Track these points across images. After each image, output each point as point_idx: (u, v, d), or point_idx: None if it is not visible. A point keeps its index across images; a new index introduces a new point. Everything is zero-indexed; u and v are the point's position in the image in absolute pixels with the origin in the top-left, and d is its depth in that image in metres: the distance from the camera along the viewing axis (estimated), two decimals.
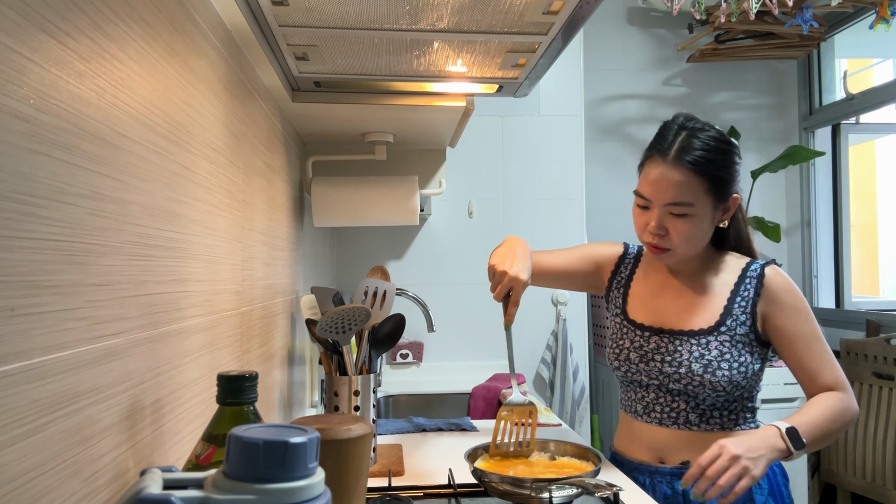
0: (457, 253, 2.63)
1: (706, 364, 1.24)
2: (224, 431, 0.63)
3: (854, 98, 3.07)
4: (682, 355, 1.26)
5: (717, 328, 1.26)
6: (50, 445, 0.51)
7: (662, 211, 1.23)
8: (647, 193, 1.24)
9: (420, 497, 1.16)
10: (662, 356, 1.28)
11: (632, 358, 1.32)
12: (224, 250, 1.02)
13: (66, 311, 0.53)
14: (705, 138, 1.23)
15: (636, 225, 1.29)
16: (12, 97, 0.46)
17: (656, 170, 1.23)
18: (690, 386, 1.25)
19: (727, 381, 1.23)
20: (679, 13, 3.17)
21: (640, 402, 1.33)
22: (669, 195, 1.21)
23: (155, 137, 0.73)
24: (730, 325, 1.26)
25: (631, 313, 1.37)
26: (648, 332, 1.32)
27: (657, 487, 1.28)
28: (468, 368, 2.56)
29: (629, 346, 1.33)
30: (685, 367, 1.25)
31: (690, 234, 1.24)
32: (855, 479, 2.60)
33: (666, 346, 1.29)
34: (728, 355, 1.24)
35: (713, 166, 1.21)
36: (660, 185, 1.22)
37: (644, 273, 1.40)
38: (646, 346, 1.31)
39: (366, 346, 1.36)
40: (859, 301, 3.29)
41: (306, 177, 1.91)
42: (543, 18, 1.04)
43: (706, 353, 1.25)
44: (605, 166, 3.26)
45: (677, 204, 1.21)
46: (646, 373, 1.30)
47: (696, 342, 1.26)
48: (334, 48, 1.18)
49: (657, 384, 1.29)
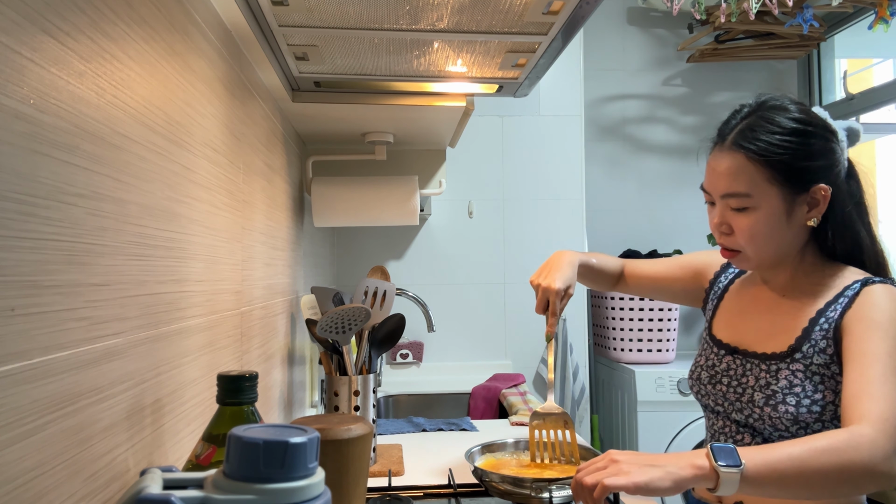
0: (457, 253, 2.63)
1: (769, 395, 1.06)
2: (224, 431, 0.63)
3: (854, 98, 3.07)
4: (748, 381, 1.10)
5: (791, 354, 1.06)
6: (50, 445, 0.51)
7: (722, 205, 1.09)
8: (705, 185, 1.12)
9: (420, 497, 1.16)
10: (730, 379, 1.13)
11: (702, 378, 1.19)
12: (224, 250, 1.02)
13: (66, 311, 0.53)
14: (776, 118, 1.06)
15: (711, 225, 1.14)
16: (12, 97, 0.46)
17: (713, 158, 1.11)
18: (751, 419, 1.09)
19: (790, 419, 1.03)
20: (679, 13, 3.17)
21: (710, 430, 1.19)
22: (722, 185, 1.08)
23: (155, 137, 0.73)
24: (806, 351, 1.05)
25: (715, 329, 1.23)
26: (724, 350, 1.17)
27: None
28: (468, 368, 2.56)
29: (703, 363, 1.20)
30: (747, 395, 1.09)
31: (756, 232, 1.06)
32: None
33: (736, 368, 1.13)
34: (798, 388, 1.04)
35: (778, 151, 1.04)
36: (714, 173, 1.09)
37: (740, 285, 1.24)
38: (718, 367, 1.16)
39: (366, 346, 1.36)
40: None
41: (306, 177, 1.91)
42: (543, 18, 1.04)
43: (773, 382, 1.06)
44: (605, 166, 3.26)
45: (731, 196, 1.07)
46: (712, 396, 1.16)
47: (765, 368, 1.09)
48: (334, 48, 1.18)
49: (722, 411, 1.15)
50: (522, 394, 2.09)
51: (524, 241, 2.64)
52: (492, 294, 2.63)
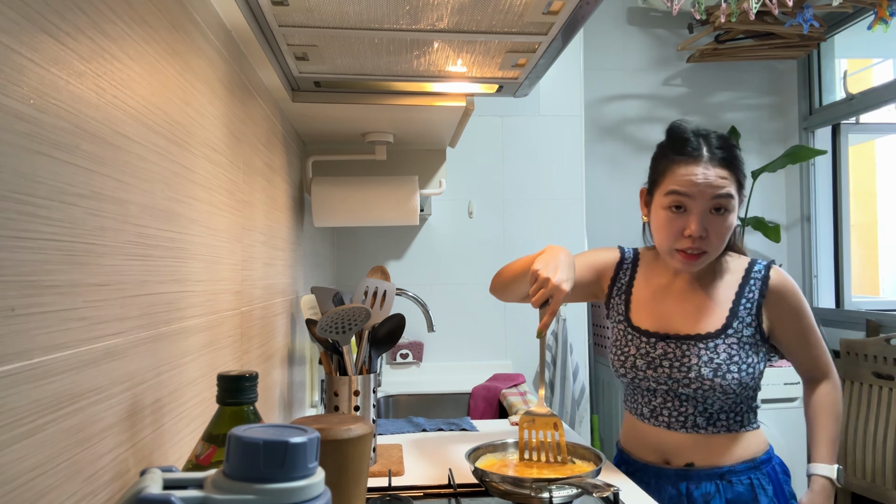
0: (457, 253, 2.63)
1: (715, 368, 1.25)
2: (224, 431, 0.63)
3: (854, 98, 3.07)
4: (691, 360, 1.27)
5: (725, 331, 1.27)
6: (50, 445, 0.51)
7: (705, 209, 1.23)
8: (690, 192, 1.23)
9: (420, 497, 1.16)
10: (671, 362, 1.28)
11: (638, 365, 1.31)
12: (224, 250, 1.02)
13: (66, 311, 0.53)
14: (724, 140, 1.28)
15: (668, 233, 1.26)
16: (12, 97, 0.46)
17: (695, 169, 1.23)
18: (700, 390, 1.26)
19: (737, 384, 1.25)
20: (679, 13, 3.17)
21: (647, 406, 1.33)
22: (715, 189, 1.22)
23: (155, 137, 0.73)
24: (736, 327, 1.27)
25: (635, 320, 1.35)
26: (654, 338, 1.31)
27: (662, 488, 1.29)
28: (468, 368, 2.56)
29: (635, 353, 1.32)
30: (695, 371, 1.26)
31: (726, 232, 1.25)
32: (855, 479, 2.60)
33: (674, 351, 1.29)
34: (736, 357, 1.26)
35: (738, 163, 1.27)
36: (702, 182, 1.22)
37: (645, 278, 1.39)
38: (652, 353, 1.30)
39: (366, 346, 1.36)
40: (859, 301, 3.29)
41: (306, 177, 1.91)
42: (543, 18, 1.04)
43: (715, 356, 1.26)
44: (605, 166, 3.26)
45: (723, 197, 1.23)
46: (654, 379, 1.30)
47: (704, 346, 1.27)
48: (334, 48, 1.18)
49: (665, 389, 1.30)
50: (522, 394, 2.09)
51: (524, 241, 2.64)
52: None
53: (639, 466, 1.34)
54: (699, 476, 1.27)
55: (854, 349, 2.73)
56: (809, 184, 3.32)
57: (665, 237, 1.27)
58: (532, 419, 1.19)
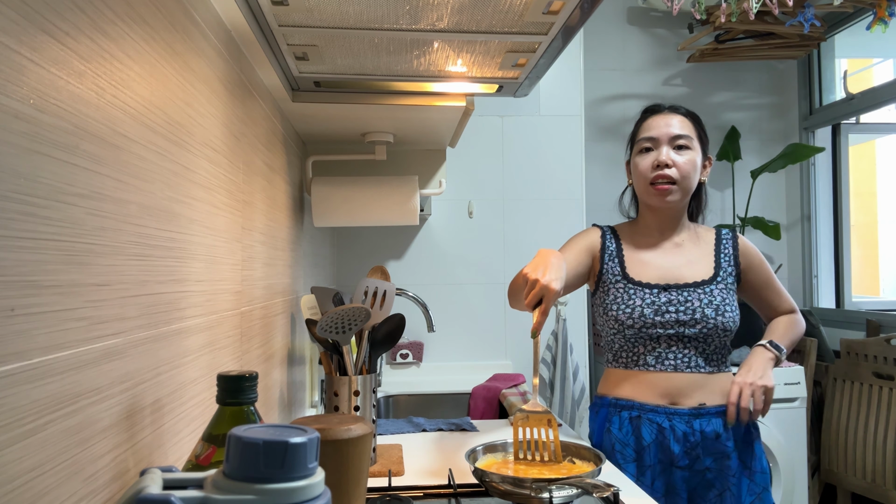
0: (457, 253, 2.63)
1: (716, 308, 1.45)
2: (224, 431, 0.63)
3: (854, 98, 3.07)
4: (694, 304, 1.45)
5: (715, 278, 1.49)
6: (50, 445, 0.51)
7: (668, 147, 1.47)
8: (654, 134, 1.49)
9: (420, 497, 1.16)
10: (676, 307, 1.45)
11: (646, 314, 1.45)
12: (224, 250, 1.02)
13: (65, 311, 0.53)
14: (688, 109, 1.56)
15: (641, 169, 1.50)
16: (12, 97, 0.46)
17: (659, 118, 1.51)
18: (705, 329, 1.44)
19: (732, 322, 1.46)
20: (679, 13, 3.17)
21: (651, 354, 1.47)
22: (675, 130, 1.48)
23: (155, 137, 0.73)
24: (722, 275, 1.50)
25: (634, 276, 1.51)
26: (657, 288, 1.48)
27: (676, 427, 1.43)
28: (468, 368, 2.56)
29: (641, 303, 1.47)
30: (699, 313, 1.44)
31: (690, 169, 1.48)
32: (855, 479, 2.60)
33: (676, 297, 1.46)
34: (728, 300, 1.47)
35: (698, 119, 1.54)
36: (666, 125, 1.49)
37: (631, 242, 1.57)
38: (658, 301, 1.46)
39: (366, 346, 1.36)
40: (859, 301, 3.29)
41: (306, 177, 1.91)
42: (543, 18, 1.04)
43: (713, 299, 1.46)
44: (605, 166, 3.26)
45: (682, 136, 1.48)
46: (661, 325, 1.45)
47: (701, 291, 1.47)
48: (334, 48, 1.18)
49: (672, 333, 1.45)
50: (522, 394, 2.09)
51: (524, 241, 2.64)
52: (492, 294, 2.63)
53: (649, 409, 1.45)
54: (709, 413, 1.44)
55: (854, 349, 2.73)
56: (809, 184, 3.32)
57: (640, 175, 1.51)
58: (526, 416, 1.20)
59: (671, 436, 1.43)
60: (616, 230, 1.61)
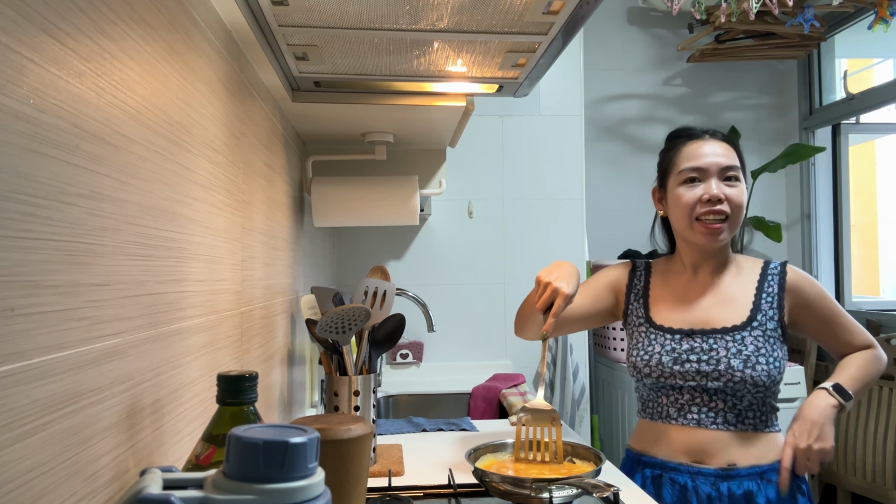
0: (457, 253, 2.63)
1: (745, 359, 1.27)
2: (224, 431, 0.63)
3: (854, 98, 3.07)
4: (719, 353, 1.29)
5: (750, 323, 1.31)
6: (50, 445, 0.51)
7: (717, 179, 1.31)
8: (701, 164, 1.32)
9: (420, 497, 1.16)
10: (698, 356, 1.30)
11: (664, 362, 1.32)
12: (224, 250, 1.02)
13: (65, 311, 0.53)
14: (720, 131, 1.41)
15: (686, 203, 1.32)
16: (12, 97, 0.46)
17: (703, 144, 1.34)
18: (731, 383, 1.28)
19: (766, 376, 1.27)
20: (679, 13, 3.17)
21: (674, 406, 1.33)
22: (725, 160, 1.32)
23: (155, 137, 0.73)
24: (760, 319, 1.31)
25: (656, 319, 1.38)
26: (679, 334, 1.34)
27: (699, 489, 1.28)
28: (468, 368, 2.56)
29: (660, 350, 1.33)
30: (724, 363, 1.28)
31: (741, 202, 1.32)
32: (855, 479, 2.60)
33: (700, 345, 1.31)
34: (763, 350, 1.28)
35: (737, 144, 1.38)
36: (714, 154, 1.33)
37: (662, 279, 1.42)
38: (678, 349, 1.32)
39: (366, 346, 1.36)
40: (859, 301, 3.29)
41: (306, 177, 1.90)
42: (543, 18, 1.04)
43: (743, 348, 1.28)
44: (605, 166, 3.26)
45: (732, 167, 1.32)
46: (681, 375, 1.31)
47: (730, 338, 1.30)
48: (334, 48, 1.18)
49: (693, 385, 1.30)
50: (522, 394, 2.09)
51: (524, 241, 2.64)
52: (492, 294, 2.63)
53: (671, 467, 1.32)
54: (740, 475, 1.28)
55: None
56: (810, 184, 3.32)
57: (683, 209, 1.33)
58: (530, 413, 1.20)
59: (693, 498, 1.28)
60: (651, 264, 1.47)
